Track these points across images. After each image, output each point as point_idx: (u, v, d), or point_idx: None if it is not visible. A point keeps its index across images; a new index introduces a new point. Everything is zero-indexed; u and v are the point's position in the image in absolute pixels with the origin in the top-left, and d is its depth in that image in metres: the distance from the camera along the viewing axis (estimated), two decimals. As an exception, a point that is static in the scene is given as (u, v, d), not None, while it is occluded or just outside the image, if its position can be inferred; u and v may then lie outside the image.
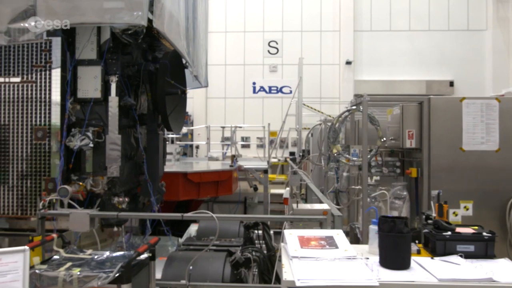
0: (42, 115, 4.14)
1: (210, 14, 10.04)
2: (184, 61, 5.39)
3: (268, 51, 16.17)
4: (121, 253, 2.67)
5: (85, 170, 4.25)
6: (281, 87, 16.12)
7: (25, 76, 4.15)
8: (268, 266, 4.22)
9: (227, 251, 4.93)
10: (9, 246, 4.75)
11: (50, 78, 4.11)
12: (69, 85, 4.10)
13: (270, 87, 16.17)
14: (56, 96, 4.11)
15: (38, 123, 4.14)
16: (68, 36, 4.15)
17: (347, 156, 4.23)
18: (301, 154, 10.76)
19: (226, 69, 16.10)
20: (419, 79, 15.53)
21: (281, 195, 11.69)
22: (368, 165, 4.00)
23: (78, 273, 2.26)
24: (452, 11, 15.55)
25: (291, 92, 15.69)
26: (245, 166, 9.36)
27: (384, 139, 4.01)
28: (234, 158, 8.70)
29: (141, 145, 4.71)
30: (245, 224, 5.98)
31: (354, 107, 3.97)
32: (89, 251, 2.71)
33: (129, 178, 4.66)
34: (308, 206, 2.93)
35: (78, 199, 4.01)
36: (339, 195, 6.53)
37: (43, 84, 4.14)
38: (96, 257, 2.61)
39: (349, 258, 1.84)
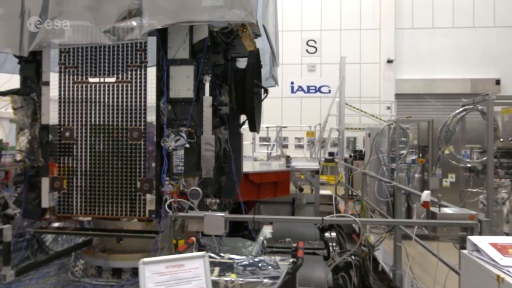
0: (137, 115, 4.09)
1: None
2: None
3: (307, 50, 16.01)
4: (262, 257, 2.59)
5: (173, 170, 4.21)
6: (320, 87, 15.93)
7: (120, 76, 4.11)
8: (367, 270, 4.10)
9: (314, 254, 4.81)
10: (97, 246, 4.74)
11: (145, 78, 4.06)
12: (165, 85, 4.06)
13: (308, 87, 16.00)
14: (151, 96, 4.06)
15: (133, 123, 4.09)
16: (161, 35, 4.11)
17: (460, 157, 4.05)
18: (351, 154, 10.56)
19: (264, 69, 16.02)
20: (463, 78, 15.11)
21: (327, 196, 11.52)
22: (483, 167, 3.81)
23: (240, 279, 2.17)
24: (498, 7, 15.07)
25: (329, 91, 15.50)
26: (297, 167, 9.24)
27: (502, 139, 3.83)
28: (288, 158, 8.59)
29: (229, 146, 4.63)
30: (320, 227, 5.87)
31: (471, 106, 3.81)
32: (227, 255, 2.63)
33: (216, 178, 4.60)
34: (448, 210, 2.79)
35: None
36: (410, 197, 6.33)
37: (138, 84, 4.09)
38: (237, 261, 2.53)
39: None
